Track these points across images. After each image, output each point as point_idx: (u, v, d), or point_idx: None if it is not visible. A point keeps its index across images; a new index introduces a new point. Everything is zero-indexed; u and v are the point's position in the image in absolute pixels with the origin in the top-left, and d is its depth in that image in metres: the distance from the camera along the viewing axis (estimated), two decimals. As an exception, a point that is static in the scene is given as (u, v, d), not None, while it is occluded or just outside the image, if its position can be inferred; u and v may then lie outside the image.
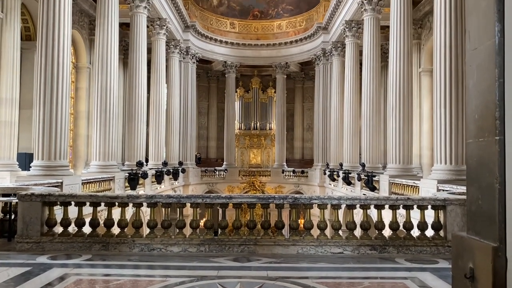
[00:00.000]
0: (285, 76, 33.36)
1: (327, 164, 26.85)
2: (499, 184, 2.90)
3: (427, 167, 21.29)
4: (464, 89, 9.88)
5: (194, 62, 30.05)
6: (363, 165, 18.88)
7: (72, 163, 21.72)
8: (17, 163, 15.30)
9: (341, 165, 23.39)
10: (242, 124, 35.65)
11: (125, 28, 22.90)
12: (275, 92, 34.51)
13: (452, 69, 11.29)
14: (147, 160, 21.53)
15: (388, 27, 16.61)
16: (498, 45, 2.90)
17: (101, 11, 15.45)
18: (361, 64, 20.74)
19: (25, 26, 18.41)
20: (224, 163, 32.72)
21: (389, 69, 16.10)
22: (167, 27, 23.43)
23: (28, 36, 18.63)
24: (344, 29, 23.46)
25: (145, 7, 19.56)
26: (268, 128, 35.71)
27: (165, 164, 22.27)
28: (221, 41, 32.11)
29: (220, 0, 32.74)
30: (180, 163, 25.48)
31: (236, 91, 34.58)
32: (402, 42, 15.27)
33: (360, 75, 21.00)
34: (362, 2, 19.42)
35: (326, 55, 28.69)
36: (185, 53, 28.66)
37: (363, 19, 20.01)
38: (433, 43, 12.09)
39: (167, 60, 25.15)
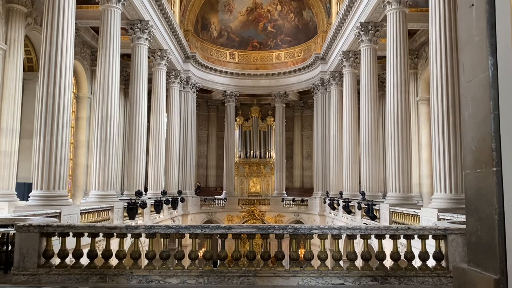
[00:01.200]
0: (284, 105, 33.67)
1: (327, 193, 26.74)
2: (498, 216, 2.91)
3: (427, 195, 21.21)
4: (461, 118, 9.96)
5: (194, 92, 30.37)
6: (363, 194, 18.81)
7: (71, 192, 21.63)
8: (16, 193, 15.24)
9: (341, 193, 23.30)
10: (242, 153, 35.71)
11: (126, 58, 23.27)
12: (274, 120, 34.74)
13: (449, 98, 11.41)
14: (146, 189, 21.45)
15: (385, 57, 16.89)
16: (492, 78, 2.97)
17: (103, 42, 15.73)
18: (359, 93, 20.97)
19: (28, 57, 18.69)
20: (224, 191, 32.59)
21: (386, 98, 16.28)
22: (167, 58, 23.80)
23: (30, 67, 18.91)
24: (342, 59, 23.84)
25: (146, 39, 19.92)
26: (267, 157, 35.74)
27: (164, 193, 22.18)
28: (221, 71, 32.57)
29: (220, 31, 33.41)
30: (179, 192, 25.37)
31: (236, 120, 34.82)
32: (399, 72, 15.50)
33: (358, 104, 21.20)
34: (359, 33, 19.82)
35: (324, 84, 29.04)
36: (185, 83, 29.02)
37: (360, 50, 20.36)
38: (430, 73, 12.27)
39: (167, 90, 25.43)
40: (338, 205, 23.27)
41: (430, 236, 6.89)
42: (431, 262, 6.86)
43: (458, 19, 3.48)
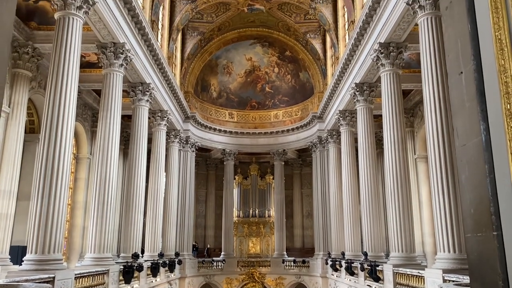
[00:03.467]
0: (283, 163, 33.78)
1: (329, 253, 26.12)
2: (503, 282, 2.83)
3: (430, 255, 20.73)
4: (459, 181, 9.97)
5: (193, 151, 30.59)
6: (365, 254, 18.36)
7: (66, 255, 21.10)
8: (9, 257, 14.85)
9: (343, 254, 22.76)
10: (241, 212, 35.28)
11: (127, 119, 23.67)
12: (273, 178, 34.67)
13: (447, 157, 11.46)
14: (143, 251, 20.96)
15: (381, 115, 17.20)
16: (485, 142, 3.01)
17: (105, 104, 16.05)
18: (357, 151, 21.13)
19: (30, 119, 19.01)
20: (222, 253, 31.79)
21: (384, 157, 16.38)
22: (168, 119, 24.22)
23: (32, 129, 19.16)
24: (339, 118, 24.27)
25: (147, 100, 20.38)
26: (267, 216, 35.28)
27: (161, 255, 21.64)
28: (220, 130, 33.02)
29: (219, 92, 34.31)
30: (177, 254, 24.77)
31: (235, 178, 34.76)
32: (396, 131, 15.72)
33: (357, 161, 21.29)
34: (355, 93, 20.34)
35: (323, 142, 29.33)
36: (184, 142, 29.31)
37: (356, 109, 20.78)
38: (426, 132, 12.44)
39: (166, 150, 25.62)
40: (341, 266, 22.65)
41: (436, 300, 6.65)
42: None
43: (449, 86, 3.60)
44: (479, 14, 3.13)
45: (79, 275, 12.39)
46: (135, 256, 17.07)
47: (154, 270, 19.78)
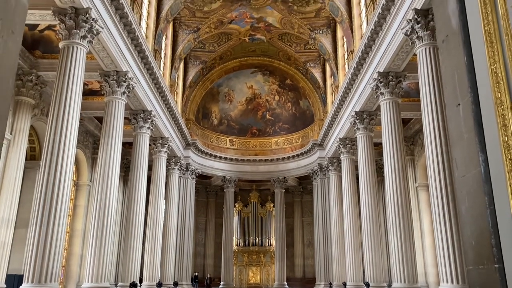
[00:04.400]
0: (284, 190, 33.61)
1: (330, 284, 25.68)
2: (506, 316, 2.79)
3: (434, 285, 20.37)
4: (459, 212, 9.91)
5: (193, 178, 30.51)
6: (367, 285, 18.04)
7: (62, 284, 20.75)
8: (5, 286, 14.60)
9: (344, 284, 22.37)
10: (241, 240, 34.87)
11: (127, 147, 23.75)
12: (273, 206, 34.43)
13: (448, 186, 11.39)
14: (141, 280, 20.62)
15: (381, 143, 17.22)
16: (484, 173, 3.02)
17: (106, 132, 16.12)
18: (358, 178, 21.06)
19: (31, 146, 19.06)
20: (222, 282, 31.23)
21: (385, 185, 16.31)
22: (168, 146, 24.28)
23: (32, 156, 19.19)
24: (339, 146, 24.32)
25: (149, 128, 20.49)
26: (267, 244, 34.84)
27: (159, 285, 21.28)
28: (220, 157, 33.03)
29: (220, 120, 34.52)
30: (175, 284, 24.35)
31: (235, 206, 34.52)
32: (396, 159, 15.72)
33: (358, 190, 21.18)
34: (355, 121, 20.45)
35: (323, 170, 29.27)
36: (185, 169, 29.27)
37: (356, 137, 20.85)
38: (426, 161, 12.43)
39: (167, 177, 25.56)
40: (342, 296, 22.23)
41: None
42: None
43: (447, 117, 3.63)
44: (475, 48, 3.20)
45: (75, 305, 12.15)
46: (133, 285, 16.80)
47: (152, 300, 19.41)
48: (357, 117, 20.29)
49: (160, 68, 22.52)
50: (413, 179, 23.56)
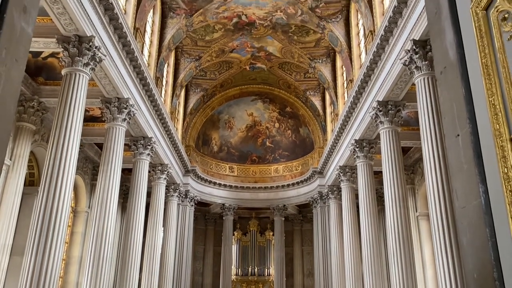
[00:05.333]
0: (283, 219, 33.29)
1: (330, 314, 25.12)
2: None
3: (437, 318, 19.88)
4: (460, 244, 9.79)
5: (192, 205, 30.30)
6: (368, 316, 17.64)
7: (56, 313, 20.26)
8: (-2, 314, 14.30)
9: (344, 315, 21.87)
10: (239, 270, 34.27)
11: (127, 173, 23.68)
12: (273, 235, 34.02)
13: (449, 216, 11.27)
14: (137, 310, 20.15)
15: (381, 172, 17.19)
16: (485, 205, 2.99)
17: (106, 158, 16.11)
18: (358, 207, 20.91)
19: (30, 172, 19.01)
20: (220, 313, 30.57)
21: (386, 214, 16.17)
22: (168, 172, 24.22)
23: (31, 182, 19.11)
24: (339, 173, 24.26)
25: (148, 154, 20.50)
26: (266, 274, 34.22)
27: (156, 314, 20.80)
28: (220, 184, 32.88)
29: (220, 146, 34.58)
30: (173, 313, 23.81)
31: (234, 234, 34.11)
32: (396, 188, 15.64)
33: (358, 218, 21.00)
34: (354, 149, 20.48)
35: (323, 198, 29.10)
36: (184, 196, 29.09)
37: (356, 165, 20.82)
38: (426, 191, 12.36)
39: (165, 204, 25.38)
40: (343, 328, 21.68)
41: None
42: None
43: (446, 147, 3.64)
44: (472, 80, 3.23)
45: (69, 336, 11.84)
46: (129, 315, 16.41)
47: (148, 331, 18.93)
48: (357, 145, 20.32)
49: (161, 95, 22.72)
50: (414, 208, 23.40)
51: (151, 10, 21.04)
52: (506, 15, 2.84)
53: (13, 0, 3.30)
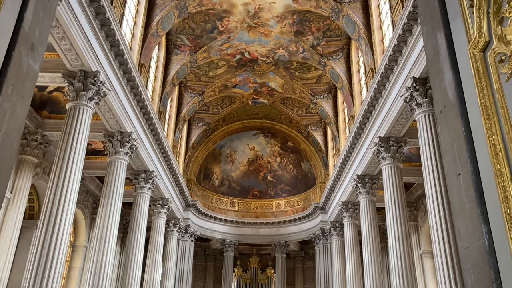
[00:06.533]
0: (285, 255, 32.69)
1: None
2: None
3: None
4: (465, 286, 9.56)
5: (192, 241, 29.86)
6: None
7: None
8: None
9: None
10: (240, 308, 33.42)
11: (127, 207, 23.51)
12: (274, 272, 33.31)
13: (453, 255, 11.04)
14: None
15: (384, 208, 17.00)
16: (488, 246, 2.95)
17: (106, 191, 16.01)
18: (361, 244, 20.57)
19: (31, 205, 18.89)
20: None
21: (389, 252, 15.88)
22: (168, 207, 24.03)
23: (31, 215, 18.96)
24: (341, 209, 24.01)
25: (149, 188, 20.40)
26: (267, 313, 33.34)
27: None
28: (220, 219, 32.52)
29: (221, 181, 34.47)
30: None
31: (234, 271, 33.42)
32: (399, 225, 15.42)
33: (361, 255, 20.61)
34: (357, 185, 20.36)
35: (326, 234, 28.68)
36: (184, 231, 28.73)
37: (358, 201, 20.64)
38: (430, 229, 12.18)
39: (165, 238, 25.04)
40: None
41: None
42: None
43: (448, 186, 3.62)
44: (472, 120, 3.25)
45: None
46: None
47: None
48: (359, 181, 20.22)
49: (164, 129, 22.88)
50: (417, 245, 23.00)
51: (156, 47, 21.52)
52: (503, 57, 2.89)
53: (22, 38, 3.39)
